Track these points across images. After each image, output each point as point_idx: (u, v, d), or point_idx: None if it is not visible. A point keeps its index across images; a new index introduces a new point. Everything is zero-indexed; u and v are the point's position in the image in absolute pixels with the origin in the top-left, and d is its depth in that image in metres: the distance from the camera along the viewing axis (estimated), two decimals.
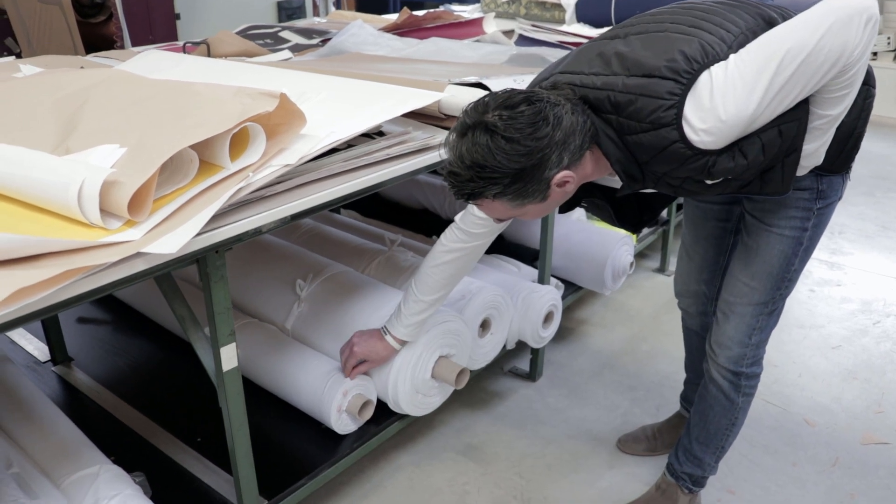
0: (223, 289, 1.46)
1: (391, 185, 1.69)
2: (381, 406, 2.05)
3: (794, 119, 1.35)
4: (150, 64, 2.27)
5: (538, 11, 3.91)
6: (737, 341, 1.79)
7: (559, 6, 3.84)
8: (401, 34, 3.31)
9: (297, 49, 3.13)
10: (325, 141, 1.50)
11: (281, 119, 1.52)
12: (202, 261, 1.41)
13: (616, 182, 1.54)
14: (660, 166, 1.40)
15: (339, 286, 2.19)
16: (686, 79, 1.31)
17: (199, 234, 1.31)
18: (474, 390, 2.63)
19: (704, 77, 1.31)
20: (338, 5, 6.60)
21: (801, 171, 1.50)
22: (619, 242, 2.80)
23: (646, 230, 3.38)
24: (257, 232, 1.43)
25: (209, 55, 2.78)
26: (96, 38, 4.38)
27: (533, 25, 3.41)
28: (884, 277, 3.58)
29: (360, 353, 1.94)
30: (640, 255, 3.71)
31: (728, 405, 1.88)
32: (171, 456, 1.97)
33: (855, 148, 1.57)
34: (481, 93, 1.81)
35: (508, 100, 1.32)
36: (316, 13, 6.30)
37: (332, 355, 2.08)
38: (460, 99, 1.81)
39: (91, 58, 2.79)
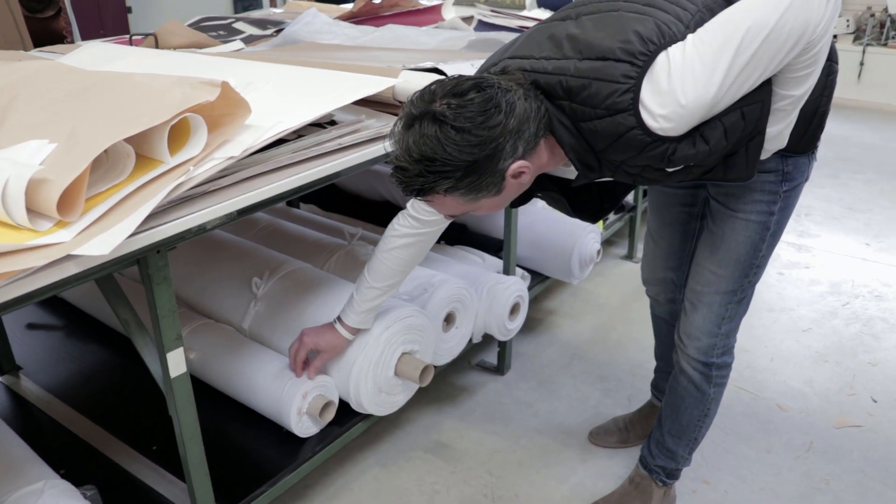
0: (167, 291, 1.38)
1: (344, 176, 1.62)
2: (344, 406, 1.98)
3: (757, 101, 1.28)
4: (92, 57, 2.17)
5: None
6: (706, 332, 1.74)
7: None
8: (357, 22, 3.23)
9: (250, 40, 3.04)
10: (272, 131, 1.42)
11: (225, 110, 1.43)
12: (143, 261, 1.33)
13: (572, 173, 1.46)
14: (617, 154, 1.32)
15: (296, 283, 2.11)
16: (642, 61, 1.23)
17: (138, 233, 1.23)
18: (441, 386, 2.56)
19: (661, 58, 1.23)
20: None
21: (765, 154, 1.45)
22: (585, 230, 2.74)
23: (612, 216, 3.33)
24: (202, 229, 1.35)
25: (157, 47, 2.68)
26: (45, 34, 4.25)
27: (492, 11, 3.33)
28: (851, 258, 3.56)
29: (310, 343, 1.85)
30: (607, 243, 3.66)
31: (699, 396, 1.83)
32: (124, 466, 1.88)
33: (820, 127, 1.52)
34: (437, 78, 1.76)
35: (456, 87, 1.23)
36: (273, 3, 6.19)
37: None
38: (415, 85, 1.74)
39: (35, 52, 2.68)
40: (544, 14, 3.63)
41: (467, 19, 3.29)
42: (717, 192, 1.63)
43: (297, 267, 2.18)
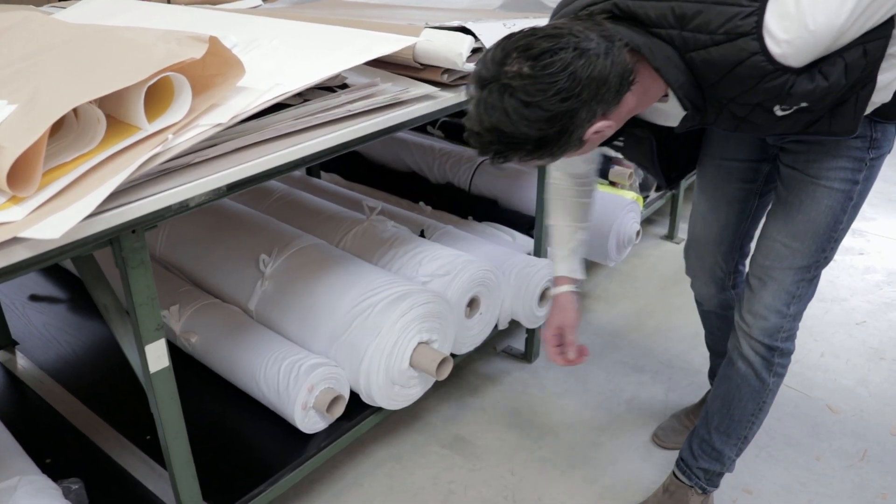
0: (145, 275, 1.21)
1: (354, 147, 1.43)
2: (355, 397, 1.82)
3: (882, 36, 1.16)
4: (94, 11, 2.00)
5: None
6: (774, 310, 1.58)
7: None
8: None
9: None
10: (268, 95, 1.24)
11: (217, 70, 1.26)
12: (116, 242, 1.16)
13: (664, 117, 1.40)
14: (729, 89, 1.21)
15: (307, 261, 1.95)
16: None
17: (107, 211, 1.07)
18: (463, 374, 2.39)
19: None
20: None
21: (871, 107, 1.31)
22: (624, 209, 2.54)
23: (653, 193, 3.11)
24: (184, 207, 1.18)
25: (168, 2, 2.50)
26: None
27: None
28: None
29: (552, 323, 1.68)
30: (647, 222, 3.44)
31: (758, 385, 1.67)
32: (114, 457, 1.74)
33: None
34: (462, 38, 1.56)
35: (529, 47, 1.11)
36: None
37: (299, 340, 1.85)
38: (438, 45, 1.55)
39: (46, 8, 2.51)
40: None
41: None
42: (795, 159, 1.49)
43: (309, 244, 2.02)
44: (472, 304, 2.02)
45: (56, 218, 0.99)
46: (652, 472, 2.02)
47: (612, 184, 2.87)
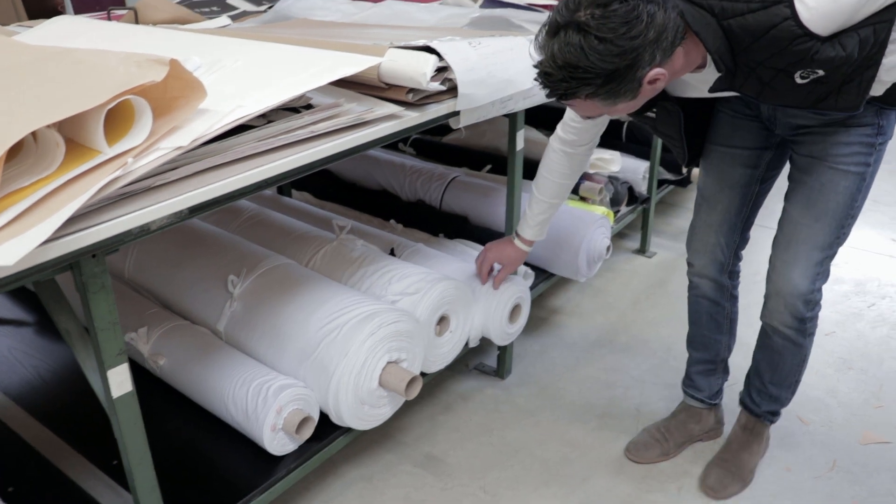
0: (106, 300, 1.20)
1: (317, 168, 1.43)
2: (325, 418, 1.81)
3: (887, 20, 1.33)
4: (60, 30, 1.99)
5: None
6: (804, 289, 1.76)
7: None
8: None
9: (242, 16, 2.85)
10: (229, 118, 1.24)
11: (179, 92, 1.25)
12: (76, 267, 1.15)
13: (694, 90, 1.62)
14: (759, 53, 1.37)
15: (276, 282, 1.94)
16: None
17: (67, 235, 1.06)
18: (435, 392, 2.38)
19: None
20: None
21: (879, 86, 1.48)
22: (594, 224, 2.55)
23: (624, 208, 3.13)
24: (145, 230, 1.17)
25: (137, 22, 2.49)
26: (41, 8, 4.13)
27: None
28: (877, 255, 3.35)
29: (492, 258, 2.09)
30: (618, 236, 3.47)
31: (796, 349, 1.89)
32: (80, 484, 1.71)
33: None
34: (427, 58, 1.57)
35: None
36: None
37: (268, 361, 1.84)
38: (402, 65, 1.55)
39: (13, 27, 2.50)
40: None
41: None
42: (812, 149, 1.67)
43: (277, 264, 2.00)
44: (442, 322, 2.01)
45: (11, 244, 0.97)
46: (625, 486, 2.02)
47: (583, 199, 2.88)
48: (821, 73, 1.38)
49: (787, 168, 1.83)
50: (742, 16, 1.34)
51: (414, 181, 2.85)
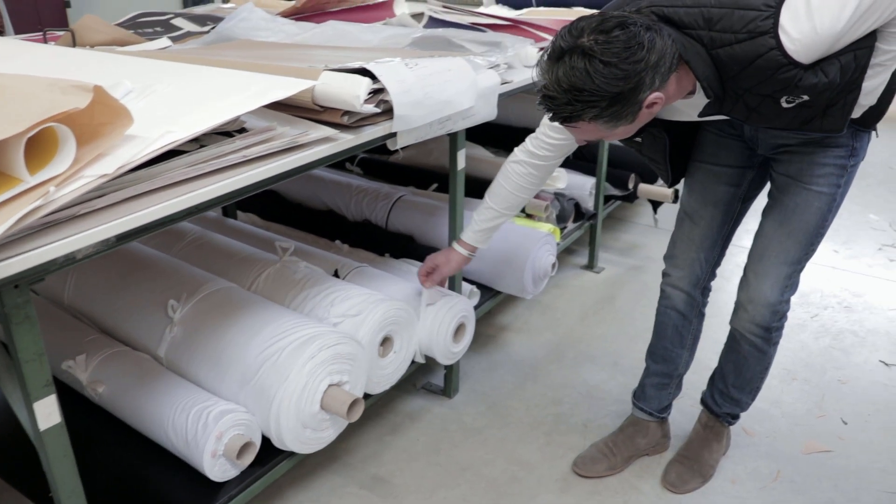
0: (30, 331, 1.17)
1: (251, 192, 1.42)
2: (268, 442, 1.79)
3: (867, 46, 1.40)
4: None
5: None
6: (773, 299, 1.85)
7: None
8: (301, 19, 3.02)
9: (185, 37, 2.82)
10: (157, 144, 1.22)
11: (106, 118, 1.23)
12: None
13: (682, 114, 1.69)
14: (747, 79, 1.43)
15: (216, 306, 1.91)
16: None
17: None
18: (382, 412, 2.37)
19: None
20: None
21: (859, 109, 1.56)
22: (539, 242, 2.56)
23: (571, 225, 3.16)
24: (70, 259, 1.15)
25: (74, 45, 2.46)
26: None
27: (444, 7, 3.15)
28: (819, 267, 3.42)
29: (430, 259, 2.10)
30: (566, 251, 3.49)
31: (761, 356, 1.98)
32: None
33: (888, 102, 1.61)
34: (360, 81, 1.57)
35: (602, 24, 1.34)
36: None
37: (208, 386, 1.81)
38: (336, 88, 1.55)
39: None
40: (502, 10, 3.45)
41: (418, 16, 3.10)
42: (788, 168, 1.75)
43: (219, 287, 1.99)
44: (386, 343, 2.01)
45: None
46: (572, 503, 2.03)
47: (529, 216, 2.90)
48: (806, 97, 1.44)
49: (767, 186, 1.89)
50: (730, 46, 1.40)
51: (360, 201, 2.85)
